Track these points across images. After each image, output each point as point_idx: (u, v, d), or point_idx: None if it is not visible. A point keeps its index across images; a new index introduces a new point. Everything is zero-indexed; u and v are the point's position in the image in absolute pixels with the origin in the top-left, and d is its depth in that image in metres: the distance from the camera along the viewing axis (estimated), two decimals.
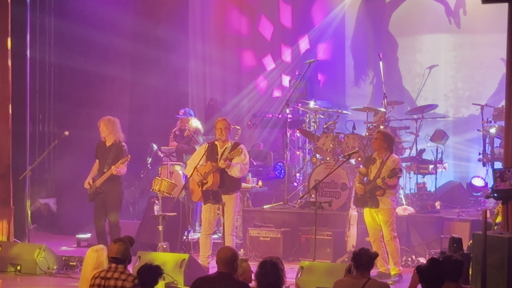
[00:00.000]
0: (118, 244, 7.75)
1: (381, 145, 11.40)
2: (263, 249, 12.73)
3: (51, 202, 16.34)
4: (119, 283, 7.53)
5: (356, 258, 7.50)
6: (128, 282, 7.50)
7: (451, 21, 15.54)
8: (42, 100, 16.69)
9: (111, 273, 7.62)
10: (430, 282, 6.99)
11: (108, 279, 7.58)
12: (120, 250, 7.69)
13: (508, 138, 9.86)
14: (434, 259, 7.27)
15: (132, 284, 7.47)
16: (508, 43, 9.90)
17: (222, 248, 7.58)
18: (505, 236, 9.12)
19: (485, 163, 13.55)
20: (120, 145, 12.40)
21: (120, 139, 12.47)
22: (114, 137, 12.45)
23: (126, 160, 12.25)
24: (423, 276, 7.03)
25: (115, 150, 12.39)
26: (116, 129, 12.49)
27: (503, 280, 8.87)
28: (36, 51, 15.79)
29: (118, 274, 7.59)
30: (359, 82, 16.29)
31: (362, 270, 7.43)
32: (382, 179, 11.12)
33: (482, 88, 15.14)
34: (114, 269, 7.63)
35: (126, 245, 7.76)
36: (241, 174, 11.73)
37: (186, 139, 14.24)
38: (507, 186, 9.23)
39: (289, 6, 16.82)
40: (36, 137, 16.45)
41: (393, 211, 11.39)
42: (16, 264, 12.07)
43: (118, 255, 7.67)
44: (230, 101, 16.65)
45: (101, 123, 12.53)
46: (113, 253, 7.71)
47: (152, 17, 16.17)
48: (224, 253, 7.37)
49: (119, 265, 7.65)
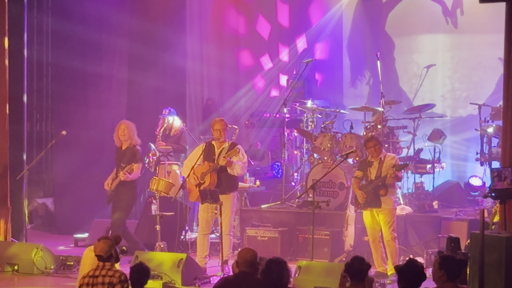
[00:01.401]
0: (102, 242, 7.89)
1: (380, 149, 11.47)
2: (261, 248, 12.66)
3: (48, 202, 16.32)
4: (107, 280, 7.66)
5: (349, 270, 7.46)
6: (115, 278, 7.64)
7: (448, 21, 15.53)
8: (40, 99, 16.70)
9: (98, 271, 7.76)
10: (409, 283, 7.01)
11: (96, 277, 7.71)
12: (103, 248, 7.82)
13: (505, 137, 9.86)
14: (412, 259, 7.30)
15: (119, 280, 7.62)
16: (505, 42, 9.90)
17: (243, 249, 7.92)
18: (503, 236, 9.14)
19: (483, 163, 13.55)
20: (134, 149, 12.38)
21: (135, 143, 12.44)
22: (131, 141, 12.43)
23: (130, 168, 12.25)
24: (401, 276, 7.05)
25: (129, 154, 12.39)
26: (133, 133, 12.49)
27: (500, 280, 8.88)
28: (34, 50, 15.80)
29: (106, 271, 7.73)
30: (355, 83, 16.28)
31: (356, 281, 7.40)
32: (391, 172, 11.14)
33: (480, 88, 15.12)
34: (102, 267, 7.78)
35: (110, 242, 7.88)
36: (242, 172, 11.78)
37: (174, 139, 14.18)
38: (504, 186, 9.25)
39: (287, 5, 16.82)
40: (33, 137, 16.45)
41: (394, 211, 11.42)
42: (14, 263, 12.07)
43: (101, 253, 7.80)
44: (227, 100, 16.64)
45: (122, 125, 12.48)
46: (96, 251, 7.85)
47: (150, 16, 16.15)
48: (246, 253, 7.63)
49: (106, 262, 7.79)
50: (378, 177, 11.26)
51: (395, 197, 11.56)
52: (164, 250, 11.93)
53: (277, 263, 7.34)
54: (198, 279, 11.03)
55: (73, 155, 15.19)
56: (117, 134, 12.54)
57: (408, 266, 7.09)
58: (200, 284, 10.99)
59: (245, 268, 7.52)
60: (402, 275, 7.06)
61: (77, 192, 15.32)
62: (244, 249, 7.87)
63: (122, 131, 12.47)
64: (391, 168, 11.20)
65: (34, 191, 16.18)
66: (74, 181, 15.34)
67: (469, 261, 9.09)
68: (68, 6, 15.72)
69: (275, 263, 7.34)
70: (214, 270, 11.56)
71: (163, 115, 14.22)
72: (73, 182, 15.34)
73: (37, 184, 16.54)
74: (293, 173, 14.83)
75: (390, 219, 11.28)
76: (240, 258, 7.59)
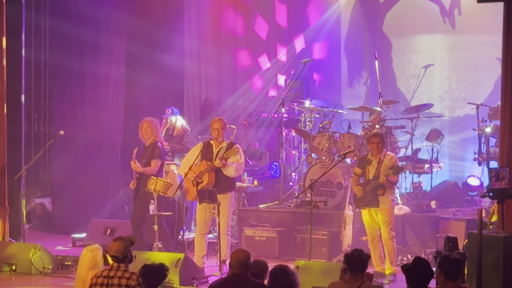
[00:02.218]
0: (118, 242, 7.75)
1: (382, 148, 11.46)
2: (259, 248, 12.72)
3: (46, 202, 16.31)
4: (123, 282, 7.53)
5: (348, 260, 7.47)
6: (133, 281, 7.50)
7: (446, 21, 15.51)
8: (37, 99, 16.68)
9: (113, 271, 7.62)
10: (417, 281, 6.99)
11: (111, 277, 7.57)
12: (118, 249, 7.69)
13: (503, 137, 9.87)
14: (418, 257, 7.29)
15: (137, 282, 7.47)
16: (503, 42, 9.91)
17: (236, 250, 7.77)
18: (501, 236, 9.15)
19: (481, 162, 13.55)
20: (155, 146, 12.32)
21: (158, 140, 12.41)
22: (154, 138, 12.39)
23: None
24: (410, 275, 7.02)
25: (151, 149, 12.35)
26: (157, 130, 12.46)
27: (498, 279, 8.89)
28: (31, 50, 15.77)
29: (121, 272, 7.60)
30: (352, 83, 16.28)
31: (355, 272, 7.41)
32: (386, 176, 11.14)
33: (478, 89, 15.10)
34: (117, 268, 7.64)
35: (126, 243, 7.75)
36: (236, 174, 11.74)
37: (176, 139, 14.17)
38: (502, 185, 9.26)
39: (285, 5, 16.82)
40: (31, 137, 16.43)
41: (392, 210, 11.43)
42: (11, 263, 12.06)
43: (116, 254, 7.67)
44: (225, 100, 16.63)
45: (145, 124, 12.43)
46: (112, 251, 7.71)
47: (148, 16, 16.15)
48: (240, 254, 7.51)
49: (121, 264, 7.66)
50: (376, 177, 11.27)
51: (393, 197, 11.57)
52: (162, 250, 11.92)
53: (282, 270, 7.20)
54: (196, 279, 11.02)
55: (71, 155, 15.20)
56: (140, 132, 12.50)
57: (415, 265, 7.06)
58: (198, 284, 10.99)
59: (238, 270, 7.41)
60: (410, 274, 7.01)
61: (75, 192, 15.31)
62: (237, 250, 7.77)
63: (144, 130, 12.42)
64: (388, 169, 11.20)
65: (32, 191, 16.19)
66: (72, 181, 15.32)
67: (467, 260, 9.10)
68: (66, 6, 15.70)
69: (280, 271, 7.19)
70: (212, 270, 11.56)
71: (166, 115, 14.21)
72: (71, 182, 15.33)
73: (35, 184, 16.53)
74: (291, 173, 14.83)
75: (388, 219, 11.30)
76: (233, 259, 7.47)
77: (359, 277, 7.39)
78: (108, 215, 15.17)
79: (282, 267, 7.26)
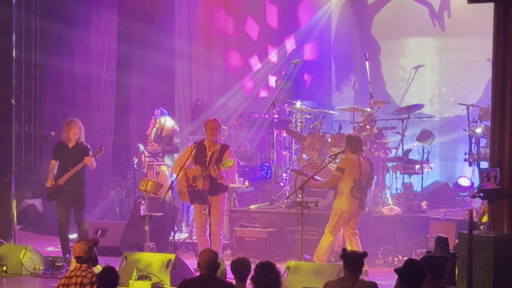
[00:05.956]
0: (81, 243, 8.05)
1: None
2: (250, 249, 12.71)
3: (37, 203, 16.28)
4: (79, 280, 7.80)
5: (343, 258, 7.50)
6: (86, 278, 7.77)
7: (435, 24, 15.49)
8: (28, 100, 16.64)
9: (74, 271, 7.91)
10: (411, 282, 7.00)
11: (71, 277, 7.86)
12: (83, 249, 7.96)
13: (494, 137, 9.87)
14: (410, 259, 7.30)
15: (89, 280, 7.73)
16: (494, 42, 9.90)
17: (204, 250, 7.82)
18: (491, 236, 9.16)
19: (471, 163, 13.57)
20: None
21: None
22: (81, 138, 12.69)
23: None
24: (403, 277, 7.03)
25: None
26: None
27: (489, 280, 8.89)
28: (22, 51, 15.75)
29: (80, 271, 7.87)
30: (340, 87, 16.25)
31: (349, 269, 7.43)
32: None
33: (468, 93, 14.97)
34: (78, 268, 7.92)
35: (89, 244, 8.01)
36: (226, 184, 11.70)
37: (166, 139, 14.15)
38: (493, 186, 9.27)
39: (275, 6, 16.82)
40: (21, 138, 16.38)
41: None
42: (2, 264, 12.03)
43: (81, 254, 7.93)
44: (216, 101, 16.62)
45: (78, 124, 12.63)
46: (76, 252, 7.98)
47: (138, 17, 16.15)
48: (207, 255, 7.57)
49: (83, 264, 7.92)
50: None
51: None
52: (153, 251, 11.91)
53: (264, 266, 7.25)
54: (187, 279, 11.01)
55: None
56: (72, 132, 12.66)
57: (409, 267, 7.06)
58: None
59: (205, 270, 7.50)
60: (404, 277, 7.01)
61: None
62: (204, 250, 7.81)
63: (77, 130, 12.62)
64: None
65: (23, 192, 16.14)
66: None
67: (457, 261, 9.12)
68: (56, 7, 15.70)
69: (262, 266, 7.25)
70: None
71: (154, 115, 14.20)
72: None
73: (26, 185, 16.49)
74: (282, 174, 14.83)
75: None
76: (201, 259, 7.55)
77: (353, 274, 7.41)
78: (99, 216, 15.14)
79: (264, 263, 7.30)
